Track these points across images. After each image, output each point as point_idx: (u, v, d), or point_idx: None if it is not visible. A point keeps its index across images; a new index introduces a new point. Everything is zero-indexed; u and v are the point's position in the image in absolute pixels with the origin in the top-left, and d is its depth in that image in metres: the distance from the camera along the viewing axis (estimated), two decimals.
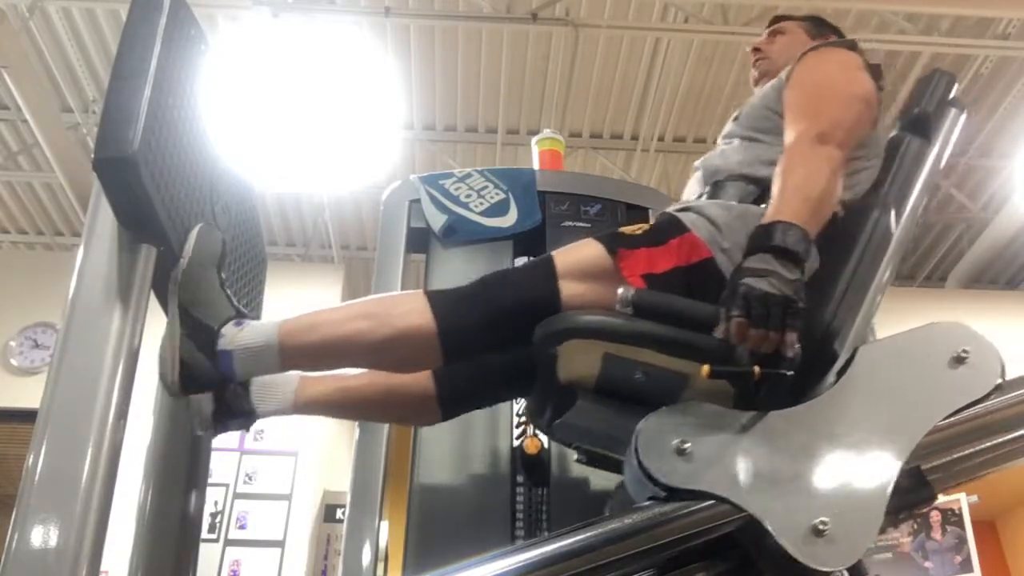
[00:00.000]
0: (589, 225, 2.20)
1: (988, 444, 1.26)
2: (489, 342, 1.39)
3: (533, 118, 4.92)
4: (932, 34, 4.26)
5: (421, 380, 1.56)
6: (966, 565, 4.19)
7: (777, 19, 1.88)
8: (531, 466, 1.94)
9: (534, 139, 2.67)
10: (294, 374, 1.55)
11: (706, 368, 1.16)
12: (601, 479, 1.46)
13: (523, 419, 1.96)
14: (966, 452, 1.25)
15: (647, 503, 1.16)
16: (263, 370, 1.39)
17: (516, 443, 1.96)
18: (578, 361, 1.32)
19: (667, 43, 4.47)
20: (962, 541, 4.25)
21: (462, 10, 4.28)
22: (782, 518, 1.12)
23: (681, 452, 1.16)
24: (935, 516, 4.33)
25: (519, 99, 4.84)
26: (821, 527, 1.10)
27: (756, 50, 1.84)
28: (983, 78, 4.57)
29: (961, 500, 4.27)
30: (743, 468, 1.16)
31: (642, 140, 5.07)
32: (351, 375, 1.58)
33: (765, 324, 1.13)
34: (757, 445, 1.18)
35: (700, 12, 4.27)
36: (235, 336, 1.33)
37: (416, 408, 1.59)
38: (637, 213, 2.24)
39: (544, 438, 1.93)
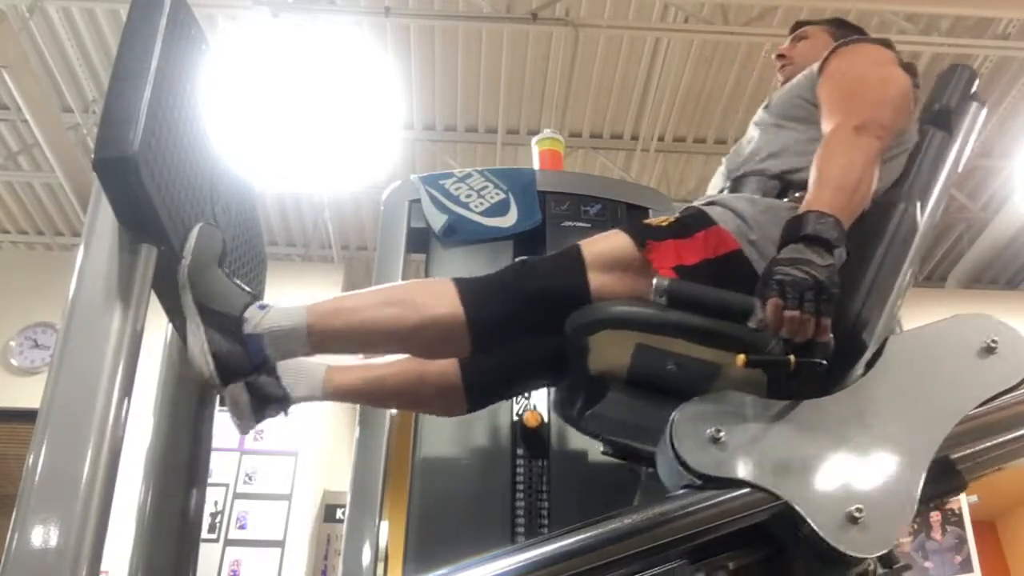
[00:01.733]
0: (589, 225, 2.20)
1: (1018, 433, 1.28)
2: (517, 330, 1.40)
3: (533, 118, 4.92)
4: (932, 34, 4.26)
5: (448, 370, 1.56)
6: (966, 565, 4.19)
7: (799, 24, 1.89)
8: (531, 439, 1.94)
9: (534, 139, 2.68)
10: (321, 363, 1.55)
11: (742, 357, 1.17)
12: (599, 452, 1.47)
13: (555, 410, 1.97)
14: (996, 441, 1.28)
15: (682, 491, 1.18)
16: (293, 352, 1.39)
17: (516, 417, 1.97)
18: (610, 352, 1.34)
19: (667, 43, 4.47)
20: (962, 541, 4.25)
21: (462, 10, 4.28)
22: (817, 505, 1.13)
23: (716, 440, 1.17)
24: (935, 516, 4.33)
25: (519, 99, 4.84)
26: (856, 514, 1.12)
27: (780, 56, 1.85)
28: (983, 78, 4.56)
29: (961, 500, 4.28)
30: (777, 456, 1.17)
31: (642, 140, 5.07)
32: (379, 363, 1.60)
33: (800, 308, 1.15)
34: (790, 434, 1.20)
35: (700, 12, 4.27)
36: (262, 319, 1.34)
37: (443, 398, 1.60)
38: (637, 213, 2.24)
39: (544, 411, 1.94)
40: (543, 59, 4.59)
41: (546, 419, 1.97)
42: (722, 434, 1.17)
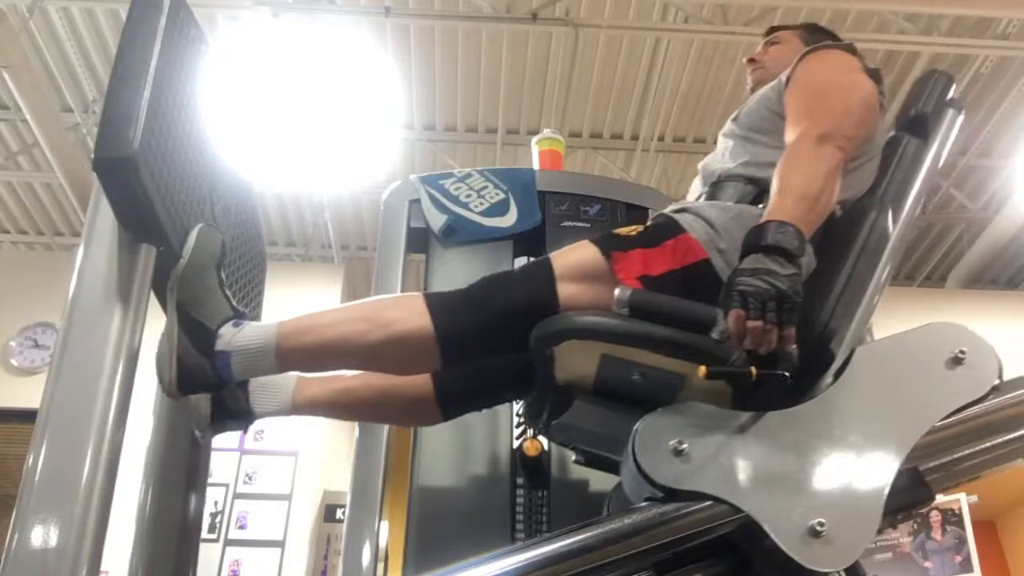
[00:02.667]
0: (589, 225, 2.20)
1: (986, 445, 1.26)
2: (488, 345, 1.39)
3: (533, 118, 4.92)
4: (932, 34, 4.26)
5: (420, 381, 1.56)
6: (966, 565, 4.19)
7: (772, 29, 1.88)
8: (531, 468, 1.94)
9: (534, 139, 2.67)
10: (292, 375, 1.55)
11: (703, 369, 1.16)
12: (601, 481, 1.46)
13: (523, 420, 1.96)
14: (964, 453, 1.26)
15: (644, 504, 1.17)
16: (260, 371, 1.39)
17: (516, 445, 1.96)
18: (575, 362, 1.32)
19: (667, 43, 4.47)
20: (962, 541, 4.25)
21: (462, 10, 4.28)
22: (779, 519, 1.12)
23: (678, 452, 1.16)
24: (935, 516, 4.32)
25: (519, 99, 4.84)
26: (819, 528, 1.10)
27: (751, 60, 1.84)
28: (983, 78, 4.57)
29: (961, 500, 4.27)
30: (740, 469, 1.16)
31: (642, 140, 5.07)
32: (350, 376, 1.58)
33: (762, 318, 1.14)
34: (754, 446, 1.18)
35: (700, 12, 4.27)
36: (233, 337, 1.33)
37: (415, 409, 1.59)
38: (637, 213, 2.24)
39: (544, 440, 1.93)
40: (543, 59, 4.59)
41: (546, 447, 1.96)
42: (685, 446, 1.16)
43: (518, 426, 1.98)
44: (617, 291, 1.26)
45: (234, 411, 1.48)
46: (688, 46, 4.53)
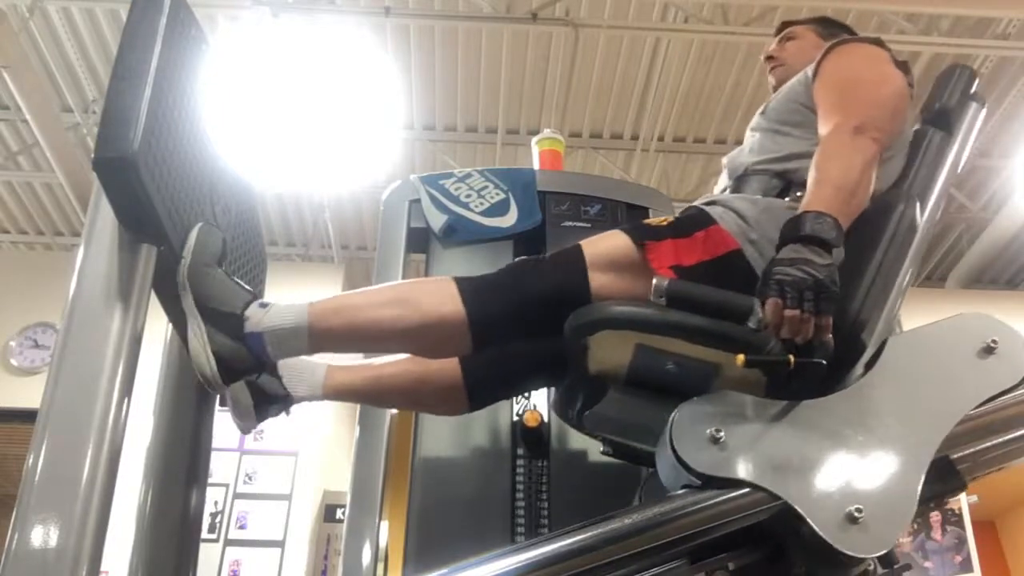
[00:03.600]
0: (589, 225, 2.20)
1: (1019, 433, 1.27)
2: (518, 330, 1.40)
3: (533, 118, 4.92)
4: (932, 34, 4.26)
5: (449, 370, 1.57)
6: (966, 565, 4.19)
7: (785, 24, 1.89)
8: (531, 440, 1.94)
9: (534, 139, 2.67)
10: (321, 362, 1.55)
11: (741, 357, 1.17)
12: (599, 452, 1.47)
13: (554, 410, 1.97)
14: (996, 441, 1.27)
15: (681, 491, 1.18)
16: (293, 351, 1.38)
17: (516, 417, 1.97)
18: (610, 352, 1.34)
19: (667, 43, 4.47)
20: (962, 541, 4.25)
21: (462, 10, 4.28)
22: (817, 505, 1.13)
23: (715, 440, 1.17)
24: (935, 516, 4.33)
25: (519, 99, 4.84)
26: (856, 514, 1.12)
27: (770, 58, 1.84)
28: (983, 78, 4.55)
29: (961, 500, 4.27)
30: (777, 456, 1.17)
31: (642, 140, 5.07)
32: (379, 364, 1.60)
33: (799, 307, 1.15)
34: (790, 434, 1.20)
35: (700, 12, 4.27)
36: (262, 318, 1.33)
37: (444, 397, 1.60)
38: (637, 213, 2.24)
39: (544, 411, 1.94)
40: (543, 59, 4.59)
41: (546, 419, 1.97)
42: (722, 434, 1.17)
43: (517, 423, 1.98)
44: (655, 280, 1.26)
45: (274, 396, 1.50)
46: (688, 46, 4.53)
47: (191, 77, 1.45)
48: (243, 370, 1.34)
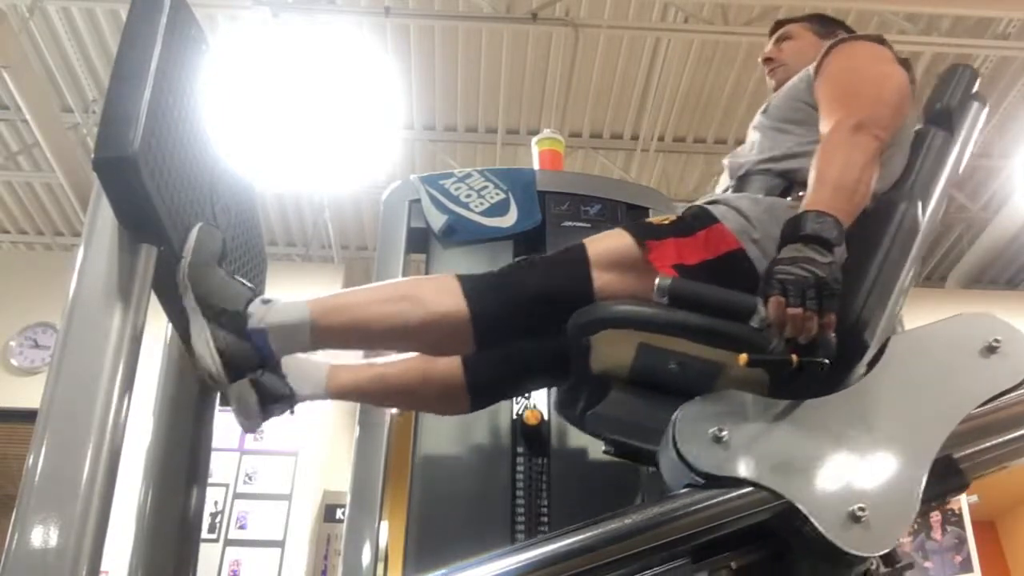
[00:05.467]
0: (589, 225, 2.20)
1: (1021, 432, 1.27)
2: (521, 328, 1.40)
3: (533, 118, 4.92)
4: (932, 34, 4.26)
5: (451, 369, 1.56)
6: (966, 565, 4.19)
7: (779, 24, 1.88)
8: (531, 437, 1.94)
9: (534, 139, 2.67)
10: (323, 361, 1.55)
11: (744, 356, 1.17)
12: (599, 450, 1.47)
13: (556, 409, 1.97)
14: (999, 440, 1.27)
15: (684, 490, 1.18)
16: (296, 348, 1.38)
17: (516, 416, 1.97)
18: (612, 351, 1.34)
19: (667, 43, 4.47)
20: (962, 541, 4.25)
21: (462, 10, 4.28)
22: (820, 504, 1.14)
23: (718, 440, 1.17)
24: (935, 516, 4.33)
25: (519, 99, 4.84)
26: (859, 513, 1.12)
27: (768, 60, 1.84)
28: (983, 78, 4.55)
29: (961, 500, 4.27)
30: (780, 455, 1.17)
31: (642, 140, 5.07)
32: (382, 363, 1.60)
33: (802, 305, 1.15)
34: (793, 433, 1.20)
35: (700, 12, 4.27)
36: (265, 314, 1.33)
37: (446, 397, 1.60)
38: (637, 213, 2.24)
39: (544, 409, 1.94)
40: (543, 59, 4.59)
41: (546, 417, 1.97)
42: (725, 433, 1.17)
43: (517, 421, 1.98)
44: (658, 279, 1.26)
45: (278, 394, 1.48)
46: (688, 46, 4.53)
47: (191, 77, 1.45)
48: (247, 367, 1.34)
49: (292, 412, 1.55)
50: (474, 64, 4.64)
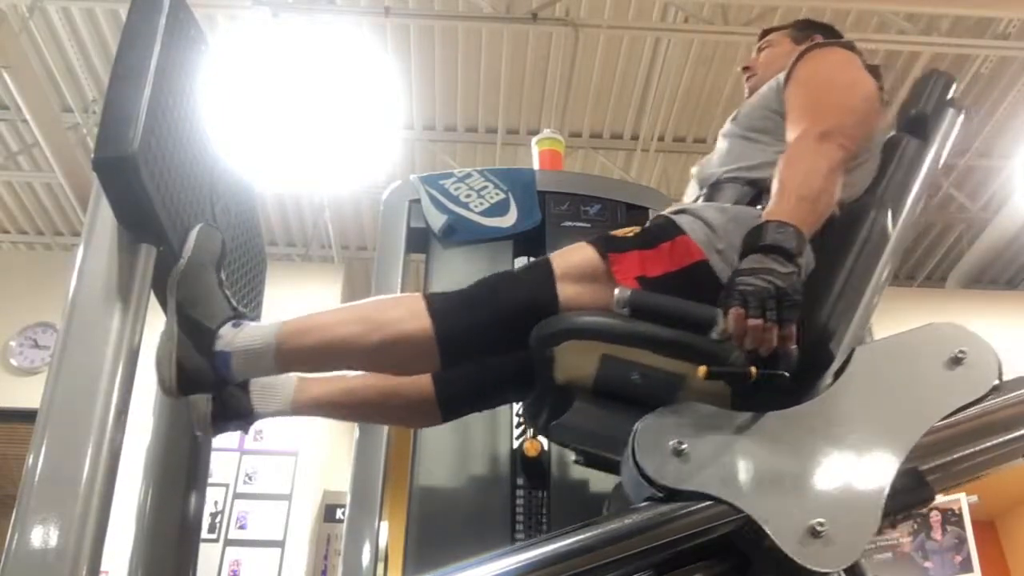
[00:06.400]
0: (589, 225, 2.20)
1: (986, 444, 1.26)
2: (488, 345, 1.39)
3: (533, 118, 4.92)
4: (932, 34, 4.26)
5: (421, 382, 1.55)
6: (966, 565, 4.19)
7: (765, 32, 1.88)
8: (531, 468, 1.94)
9: (534, 139, 2.67)
10: (293, 375, 1.54)
11: (703, 369, 1.16)
12: (601, 482, 1.46)
13: (523, 420, 1.96)
14: (964, 453, 1.25)
15: (644, 504, 1.17)
16: (260, 372, 1.38)
17: (516, 445, 1.96)
18: (575, 362, 1.32)
19: (667, 43, 4.47)
20: (962, 541, 4.25)
21: (462, 10, 4.28)
22: (779, 519, 1.12)
23: (678, 453, 1.16)
24: (935, 516, 4.32)
25: (519, 99, 4.84)
26: (818, 528, 1.10)
27: (746, 68, 1.85)
28: (983, 78, 4.57)
29: (961, 500, 4.27)
30: (740, 469, 1.16)
31: (642, 140, 5.07)
32: (351, 376, 1.58)
33: (762, 316, 1.14)
34: (754, 446, 1.18)
35: (700, 12, 4.27)
36: (233, 337, 1.32)
37: (416, 410, 1.59)
38: (637, 213, 2.24)
39: (544, 441, 1.93)
40: (543, 59, 4.59)
41: (546, 447, 1.95)
42: (684, 446, 1.15)
43: (518, 426, 1.98)
44: (617, 291, 1.26)
45: (235, 411, 1.47)
46: (688, 46, 4.53)
47: (191, 77, 1.45)
48: (201, 385, 1.33)
49: (246, 432, 1.55)
50: (474, 64, 4.64)
